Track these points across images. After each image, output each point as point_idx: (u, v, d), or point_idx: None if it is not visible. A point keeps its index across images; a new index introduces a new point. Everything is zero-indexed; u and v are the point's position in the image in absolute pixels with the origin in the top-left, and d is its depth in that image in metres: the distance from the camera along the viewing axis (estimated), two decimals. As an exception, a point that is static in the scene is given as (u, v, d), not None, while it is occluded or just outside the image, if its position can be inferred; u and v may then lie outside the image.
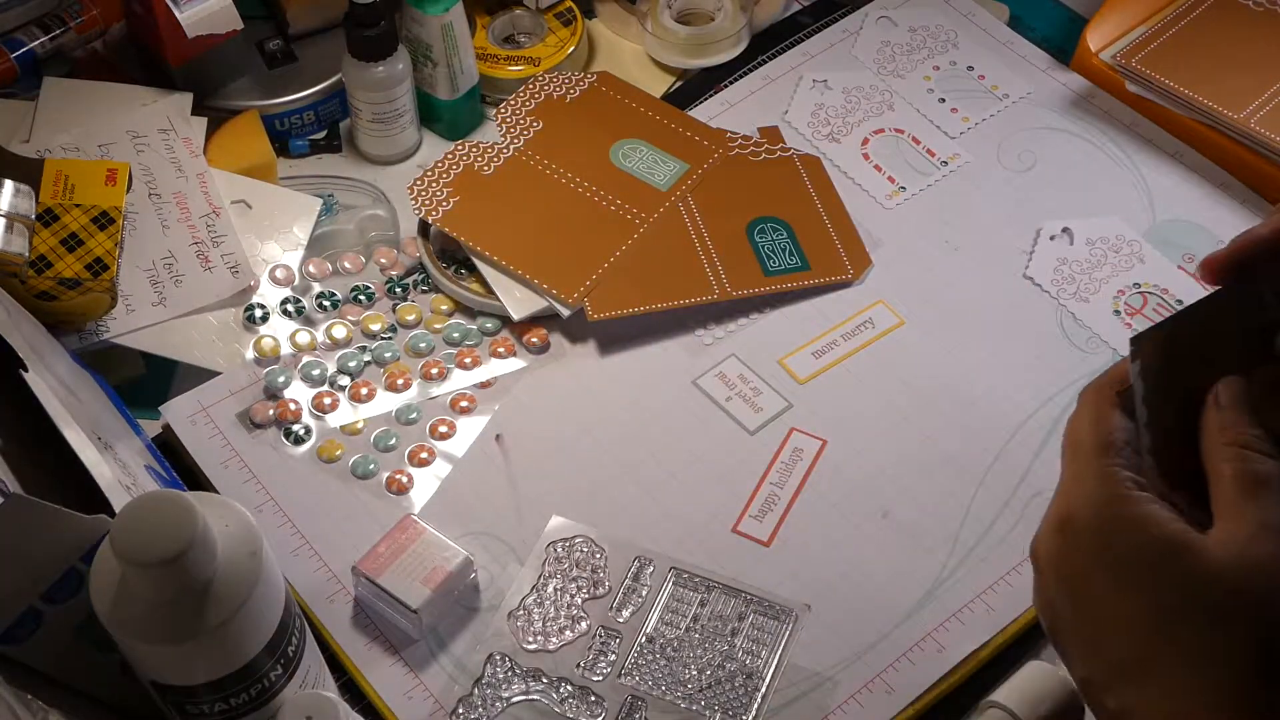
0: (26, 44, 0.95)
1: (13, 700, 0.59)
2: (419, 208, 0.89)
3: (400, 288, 0.88)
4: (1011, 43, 1.02)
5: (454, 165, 0.91)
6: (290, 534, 0.78)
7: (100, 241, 0.85)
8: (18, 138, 0.91)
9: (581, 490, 0.80)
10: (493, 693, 0.72)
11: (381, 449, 0.81)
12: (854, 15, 1.04)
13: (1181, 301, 0.87)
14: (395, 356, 0.85)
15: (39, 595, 0.63)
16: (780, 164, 0.94)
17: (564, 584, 0.76)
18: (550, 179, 0.91)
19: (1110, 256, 0.90)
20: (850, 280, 0.88)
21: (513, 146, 0.93)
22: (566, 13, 1.02)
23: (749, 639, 0.74)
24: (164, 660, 0.60)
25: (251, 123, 0.95)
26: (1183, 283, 0.88)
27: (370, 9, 0.89)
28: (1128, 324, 0.86)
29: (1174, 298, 0.87)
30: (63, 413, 0.68)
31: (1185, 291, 0.88)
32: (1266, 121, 0.91)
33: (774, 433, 0.82)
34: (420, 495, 0.79)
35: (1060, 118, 0.97)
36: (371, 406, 0.83)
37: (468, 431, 0.82)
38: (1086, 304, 0.87)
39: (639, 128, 0.94)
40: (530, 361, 0.85)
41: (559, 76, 0.97)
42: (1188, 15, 0.99)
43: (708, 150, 0.93)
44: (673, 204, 0.90)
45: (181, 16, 0.90)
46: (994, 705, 0.68)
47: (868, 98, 0.99)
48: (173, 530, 0.56)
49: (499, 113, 0.94)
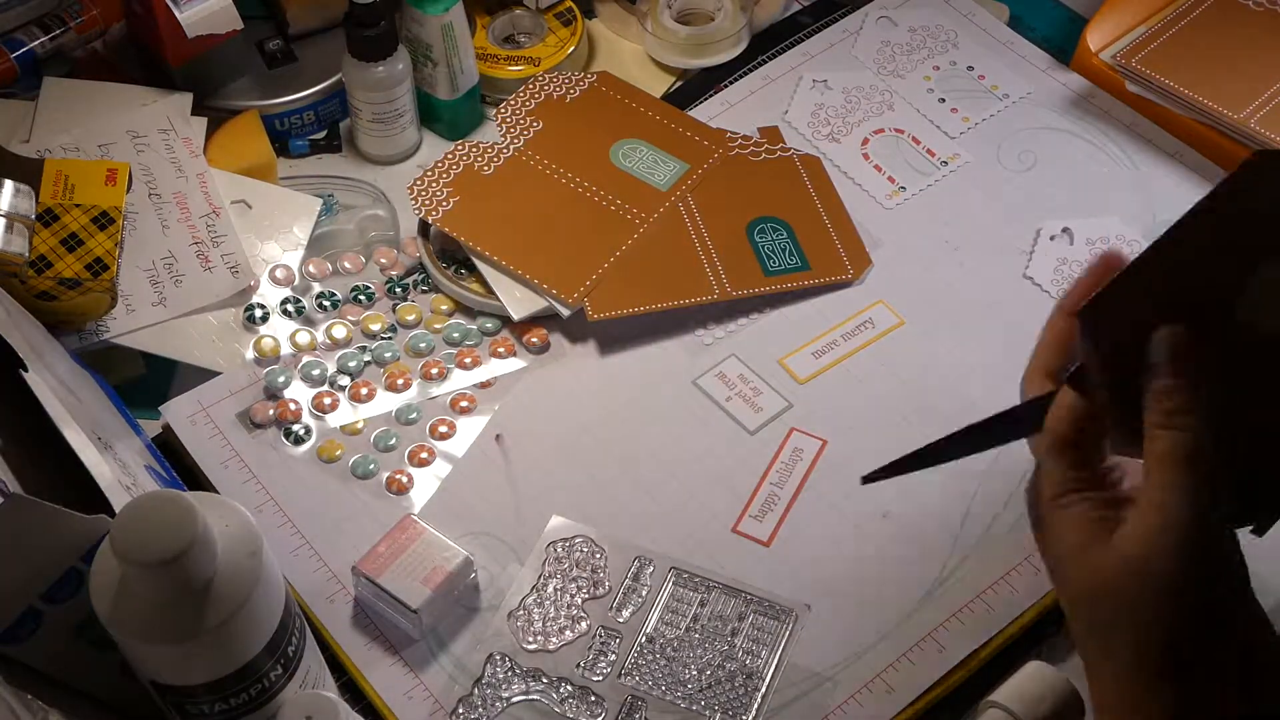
0: (26, 44, 0.95)
1: (13, 700, 0.59)
2: (419, 208, 0.89)
3: (400, 288, 0.88)
4: (1012, 43, 1.02)
5: (454, 165, 0.91)
6: (290, 534, 0.78)
7: (100, 241, 0.85)
8: (18, 138, 0.91)
9: (581, 490, 0.80)
10: (493, 693, 0.72)
11: (381, 449, 0.81)
12: (854, 15, 1.04)
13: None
14: (395, 356, 0.85)
15: (39, 595, 0.63)
16: (780, 164, 0.94)
17: (564, 584, 0.76)
18: (550, 179, 0.91)
19: (1110, 256, 0.90)
20: (850, 280, 0.88)
21: (513, 146, 0.93)
22: (566, 13, 1.02)
23: (749, 639, 0.74)
24: (164, 660, 0.60)
25: (251, 123, 0.95)
26: (1183, 283, 0.88)
27: (370, 9, 0.89)
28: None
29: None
30: (63, 413, 0.68)
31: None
32: (1266, 121, 0.91)
33: (774, 433, 0.82)
34: (420, 495, 0.79)
35: (1060, 118, 0.97)
36: (371, 406, 0.83)
37: (468, 431, 0.82)
38: (1086, 304, 0.87)
39: (639, 128, 0.94)
40: (530, 361, 0.85)
41: (559, 76, 0.97)
42: (1188, 15, 0.99)
43: (708, 150, 0.93)
44: (673, 204, 0.90)
45: (181, 16, 0.90)
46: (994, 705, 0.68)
47: (868, 98, 0.99)
48: (173, 530, 0.56)
49: (499, 113, 0.94)
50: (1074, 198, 0.93)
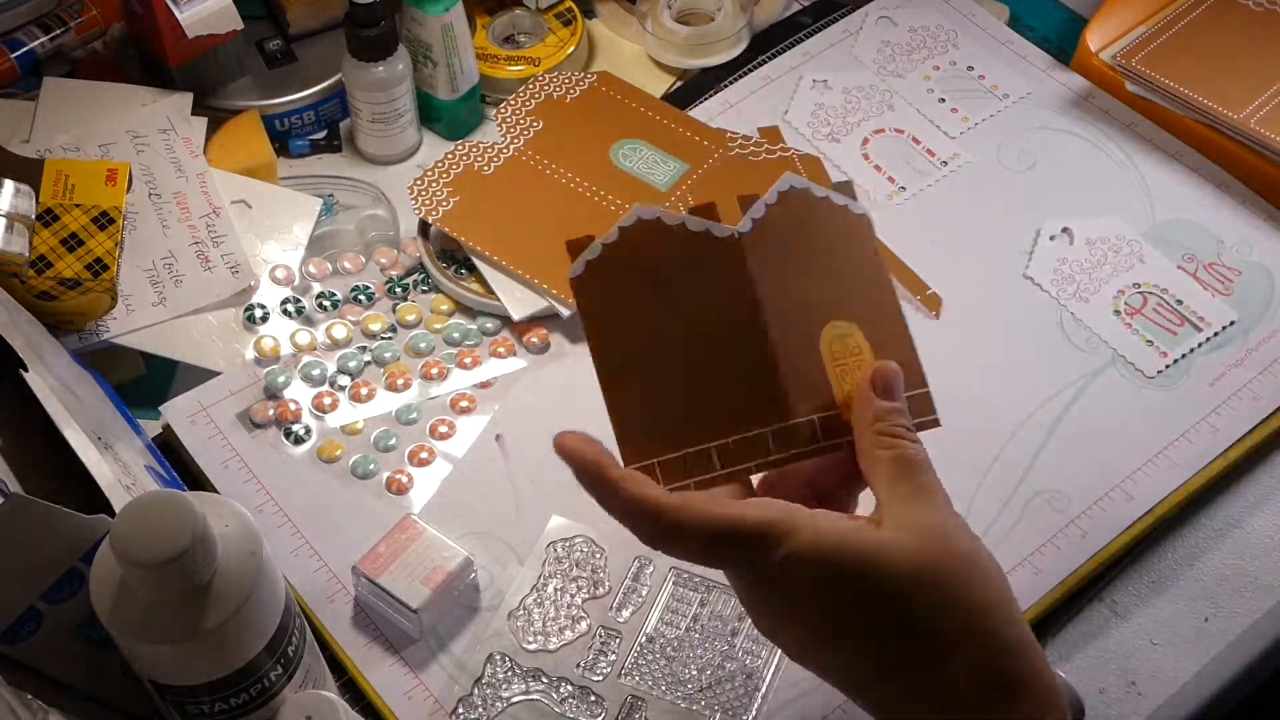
0: (26, 44, 0.95)
1: (13, 700, 0.59)
2: (419, 207, 0.89)
3: (400, 288, 0.88)
4: (1011, 42, 1.02)
5: (454, 165, 0.91)
6: (290, 534, 0.78)
7: (100, 241, 0.85)
8: (18, 138, 0.91)
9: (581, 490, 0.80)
10: (493, 693, 0.72)
11: (381, 449, 0.81)
12: (854, 15, 1.04)
13: (1181, 302, 0.87)
14: (395, 356, 0.85)
15: (39, 595, 0.63)
16: (780, 164, 0.93)
17: (564, 584, 0.76)
18: (550, 179, 0.91)
19: (1110, 256, 0.90)
20: None
21: (513, 146, 0.93)
22: (566, 13, 1.02)
23: (749, 639, 0.74)
24: (164, 660, 0.60)
25: (251, 123, 0.95)
26: (1183, 283, 0.88)
27: (370, 9, 0.89)
28: (1128, 324, 0.86)
29: (1174, 297, 0.87)
30: (63, 413, 0.68)
31: (1185, 291, 0.88)
32: (1266, 121, 0.91)
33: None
34: (420, 495, 0.79)
35: (1060, 118, 0.97)
36: (371, 406, 0.83)
37: (468, 431, 0.82)
38: (1086, 304, 0.87)
39: (639, 128, 0.94)
40: (530, 361, 0.85)
41: (559, 76, 0.97)
42: (1188, 15, 0.99)
43: (708, 150, 0.93)
44: (673, 204, 0.90)
45: (181, 16, 0.90)
46: (994, 705, 0.68)
47: (868, 98, 0.99)
48: (173, 530, 0.56)
49: (499, 113, 0.94)
50: (1074, 198, 0.93)
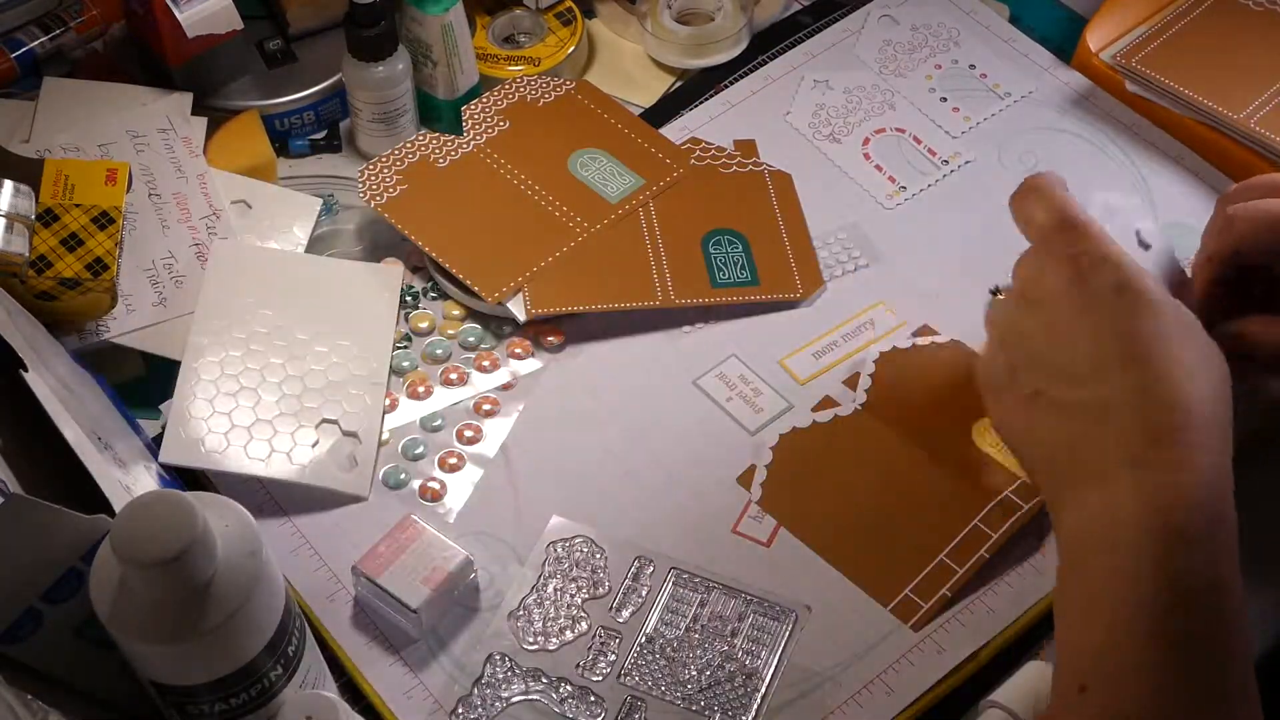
0: (26, 44, 0.95)
1: (13, 700, 0.59)
2: (364, 192, 0.88)
3: (410, 295, 0.88)
4: (1014, 40, 1.02)
5: (410, 154, 0.91)
6: (290, 534, 0.78)
7: (100, 241, 0.85)
8: (18, 138, 0.91)
9: (581, 490, 0.80)
10: (493, 693, 0.72)
11: (410, 458, 0.81)
12: (855, 14, 1.04)
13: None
14: (414, 365, 0.85)
15: (39, 595, 0.63)
16: (749, 178, 0.93)
17: (564, 584, 0.76)
18: (501, 179, 0.91)
19: (1111, 256, 0.89)
20: (799, 299, 0.88)
21: (473, 143, 0.92)
22: (566, 13, 1.02)
23: (749, 639, 0.74)
24: (164, 660, 0.60)
25: (251, 123, 0.95)
26: (1183, 283, 0.88)
27: (370, 9, 0.89)
28: (1128, 324, 0.86)
29: (1174, 298, 0.87)
30: (63, 413, 0.68)
31: (1186, 291, 0.88)
32: (1266, 121, 0.91)
33: (774, 433, 0.82)
34: (455, 500, 0.79)
35: (1061, 118, 0.97)
36: (395, 416, 0.83)
37: (495, 434, 0.82)
38: (1087, 304, 0.87)
39: (603, 139, 0.94)
40: (547, 361, 0.85)
41: (537, 80, 0.96)
42: (1188, 15, 0.99)
43: (668, 168, 0.92)
44: (620, 216, 0.89)
45: (181, 16, 0.90)
46: (994, 705, 0.68)
47: (869, 97, 0.99)
48: (173, 530, 0.56)
49: (468, 108, 0.94)
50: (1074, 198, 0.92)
